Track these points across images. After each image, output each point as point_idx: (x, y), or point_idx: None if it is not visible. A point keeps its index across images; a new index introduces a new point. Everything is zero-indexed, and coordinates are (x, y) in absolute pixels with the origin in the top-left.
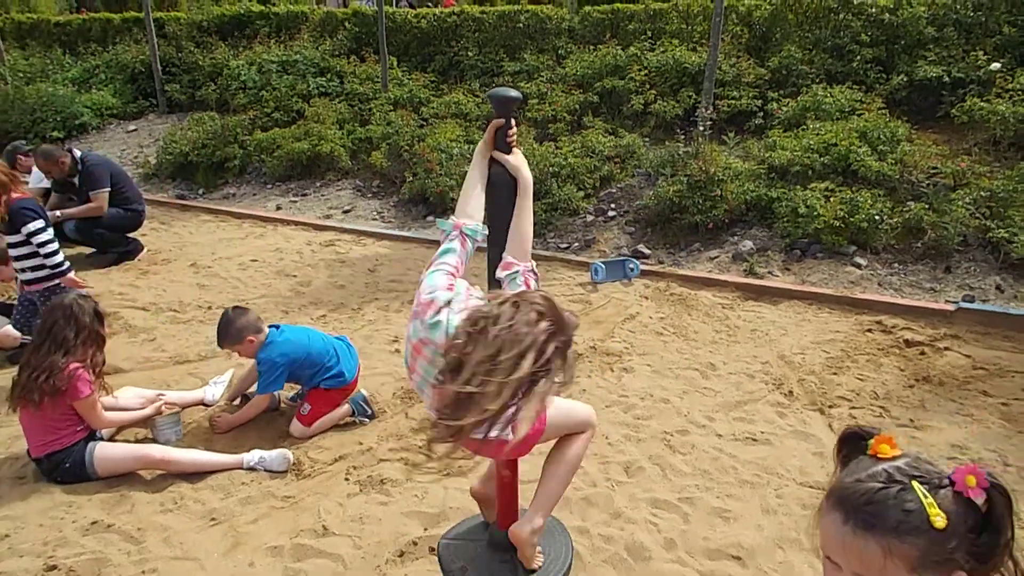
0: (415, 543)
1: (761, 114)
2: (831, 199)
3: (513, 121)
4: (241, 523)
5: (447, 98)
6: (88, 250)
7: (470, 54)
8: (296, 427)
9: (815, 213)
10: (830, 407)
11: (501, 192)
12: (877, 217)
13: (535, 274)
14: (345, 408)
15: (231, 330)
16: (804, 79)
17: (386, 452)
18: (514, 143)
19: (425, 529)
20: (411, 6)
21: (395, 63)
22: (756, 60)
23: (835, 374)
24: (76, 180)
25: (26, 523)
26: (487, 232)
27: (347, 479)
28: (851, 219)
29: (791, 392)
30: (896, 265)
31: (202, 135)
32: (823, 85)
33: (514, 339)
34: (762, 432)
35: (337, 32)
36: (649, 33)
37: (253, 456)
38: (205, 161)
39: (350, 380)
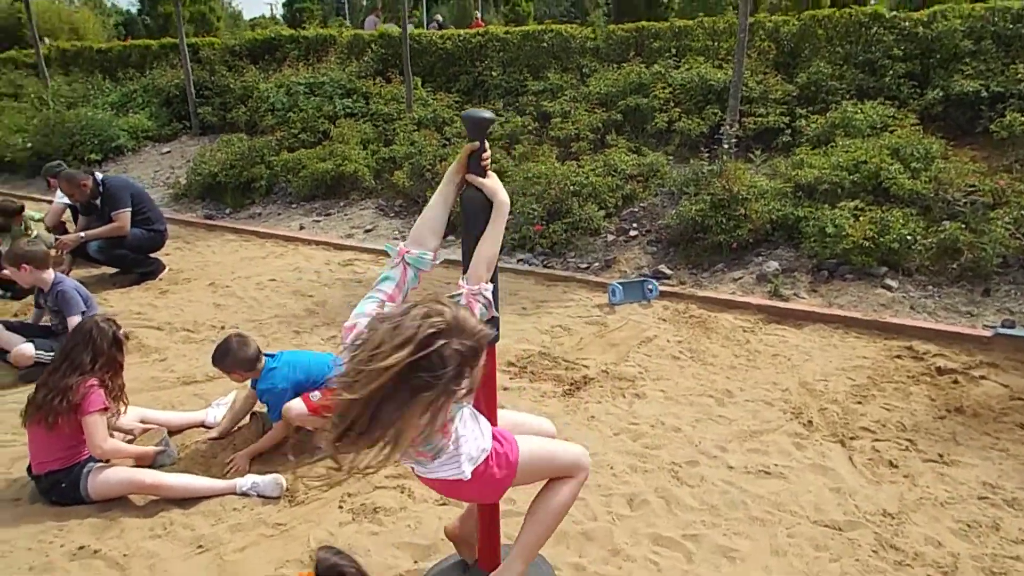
0: None
1: (789, 131)
2: (860, 218)
3: (487, 144)
4: (228, 551)
5: None
6: (111, 270)
7: (494, 74)
8: (297, 405)
9: (843, 233)
10: (852, 439)
11: (478, 217)
12: (909, 237)
13: (486, 299)
14: None
15: (225, 360)
16: (834, 95)
17: (382, 479)
18: (487, 166)
19: (415, 562)
20: (440, 27)
21: (419, 83)
22: (784, 76)
23: (859, 403)
24: (99, 202)
25: (15, 547)
26: (436, 261)
27: (341, 507)
28: (882, 239)
29: (810, 422)
30: (930, 287)
31: (230, 156)
32: (853, 101)
33: (395, 331)
34: (776, 465)
35: (364, 54)
36: (674, 51)
37: (246, 481)
38: (233, 181)
39: None
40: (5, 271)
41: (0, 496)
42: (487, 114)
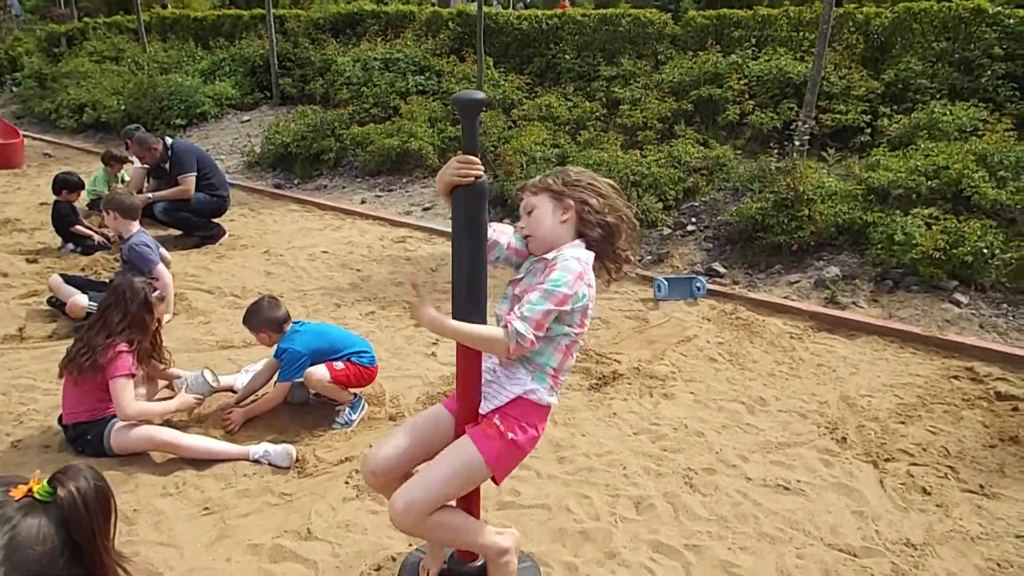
0: (394, 559)
1: (868, 130)
2: (933, 227)
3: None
4: (232, 516)
5: (539, 100)
6: (176, 232)
7: (567, 57)
8: (319, 371)
9: (913, 241)
10: (887, 460)
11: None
12: (986, 250)
13: None
14: (350, 397)
15: (255, 319)
16: (923, 94)
17: None
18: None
19: (409, 545)
20: (526, 7)
21: (492, 64)
22: (870, 72)
23: (903, 423)
24: (167, 166)
25: None
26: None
27: (347, 482)
28: (955, 251)
29: (844, 439)
30: (1004, 306)
31: (303, 127)
32: (943, 102)
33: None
34: (798, 481)
35: (440, 31)
36: (754, 40)
37: (259, 449)
38: (303, 152)
39: (376, 363)
40: (78, 226)
41: (32, 442)
42: (480, 95)
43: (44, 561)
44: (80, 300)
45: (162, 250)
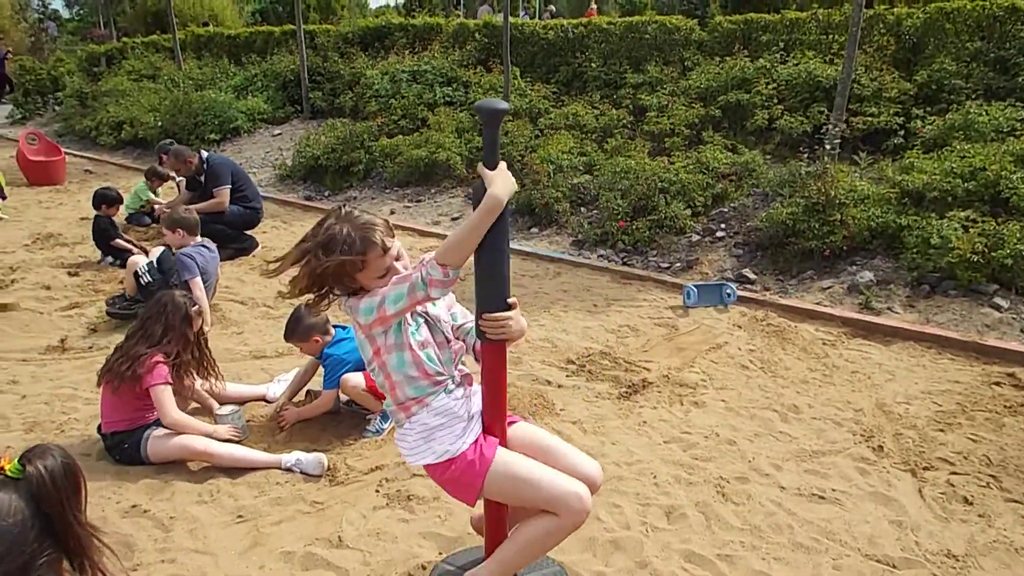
0: (424, 567)
1: (902, 133)
2: (971, 230)
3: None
4: (265, 523)
5: (566, 109)
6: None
7: (594, 66)
8: (355, 379)
9: (950, 245)
10: (925, 469)
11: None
12: None
13: (430, 275)
14: (381, 407)
15: (299, 327)
16: (957, 95)
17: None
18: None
19: (439, 553)
20: (552, 17)
21: (518, 74)
22: (902, 73)
23: (942, 431)
24: (202, 178)
25: None
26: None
27: (377, 491)
28: (994, 254)
29: (881, 447)
30: None
31: (333, 140)
32: (979, 102)
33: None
34: (834, 490)
35: (467, 43)
36: (782, 44)
37: (291, 457)
38: (333, 165)
39: None
40: (117, 240)
41: (73, 451)
42: (503, 104)
43: (15, 532)
44: (138, 259)
45: (218, 267)
